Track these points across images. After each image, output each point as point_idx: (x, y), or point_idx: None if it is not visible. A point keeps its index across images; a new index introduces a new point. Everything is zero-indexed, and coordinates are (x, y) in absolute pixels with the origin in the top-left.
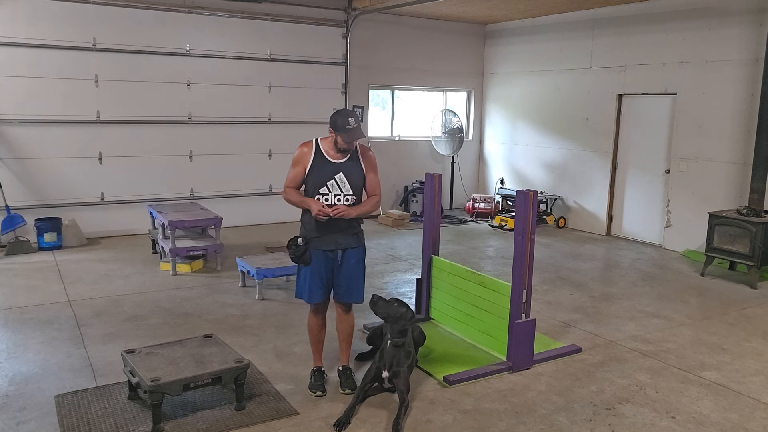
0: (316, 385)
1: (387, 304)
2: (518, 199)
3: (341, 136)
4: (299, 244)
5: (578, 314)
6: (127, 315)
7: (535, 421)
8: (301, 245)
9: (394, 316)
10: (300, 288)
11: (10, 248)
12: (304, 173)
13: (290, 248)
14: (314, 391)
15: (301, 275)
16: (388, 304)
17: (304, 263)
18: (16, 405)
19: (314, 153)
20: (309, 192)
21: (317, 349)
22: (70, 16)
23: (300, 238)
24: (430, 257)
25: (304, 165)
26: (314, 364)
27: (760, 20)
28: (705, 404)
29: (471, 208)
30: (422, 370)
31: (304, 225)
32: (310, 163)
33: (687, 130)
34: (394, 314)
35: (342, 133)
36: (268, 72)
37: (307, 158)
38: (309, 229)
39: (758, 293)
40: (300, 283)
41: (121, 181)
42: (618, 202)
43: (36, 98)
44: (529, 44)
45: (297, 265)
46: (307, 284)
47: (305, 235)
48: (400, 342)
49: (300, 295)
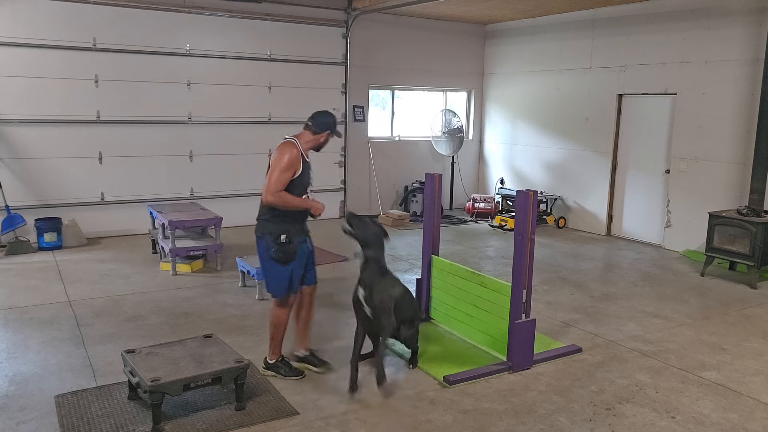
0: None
1: (362, 222)
2: (518, 199)
3: (336, 133)
4: (285, 242)
5: (578, 314)
6: (127, 315)
7: (535, 421)
8: (287, 242)
9: (369, 239)
10: (279, 285)
11: (10, 248)
12: (293, 176)
13: (280, 248)
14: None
15: (281, 271)
16: (363, 223)
17: (291, 259)
18: (16, 405)
19: (301, 156)
20: (296, 193)
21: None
22: (70, 16)
23: (283, 236)
24: (430, 257)
25: (296, 169)
26: (277, 355)
27: (760, 20)
28: (705, 404)
29: (471, 208)
30: (422, 370)
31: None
32: (301, 167)
33: (687, 130)
34: (371, 235)
35: (335, 131)
36: (268, 72)
37: (299, 162)
38: (289, 225)
39: (758, 293)
40: (279, 280)
41: (121, 181)
42: (618, 202)
43: (36, 98)
44: (528, 44)
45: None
46: (289, 278)
47: (285, 232)
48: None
49: (280, 292)
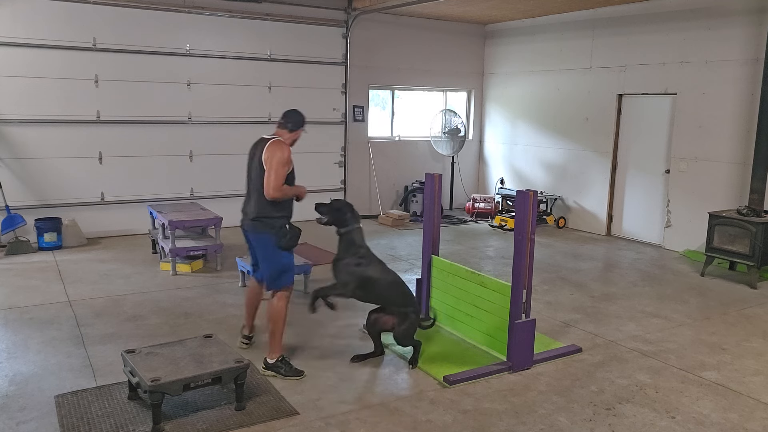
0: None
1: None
2: (518, 199)
3: (305, 131)
4: (288, 230)
5: (578, 314)
6: (127, 315)
7: (535, 421)
8: (290, 231)
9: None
10: (288, 274)
11: (10, 248)
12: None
13: (287, 234)
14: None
15: (289, 259)
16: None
17: (296, 242)
18: (16, 405)
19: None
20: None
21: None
22: (70, 16)
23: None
24: (430, 257)
25: (291, 164)
26: (278, 353)
27: (760, 20)
28: (705, 404)
29: (471, 208)
30: (422, 370)
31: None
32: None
33: (687, 130)
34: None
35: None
36: (268, 72)
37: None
38: (285, 213)
39: (758, 293)
40: (287, 269)
41: (121, 181)
42: (618, 202)
43: (36, 98)
44: (529, 44)
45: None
46: (292, 265)
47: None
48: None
49: (289, 281)
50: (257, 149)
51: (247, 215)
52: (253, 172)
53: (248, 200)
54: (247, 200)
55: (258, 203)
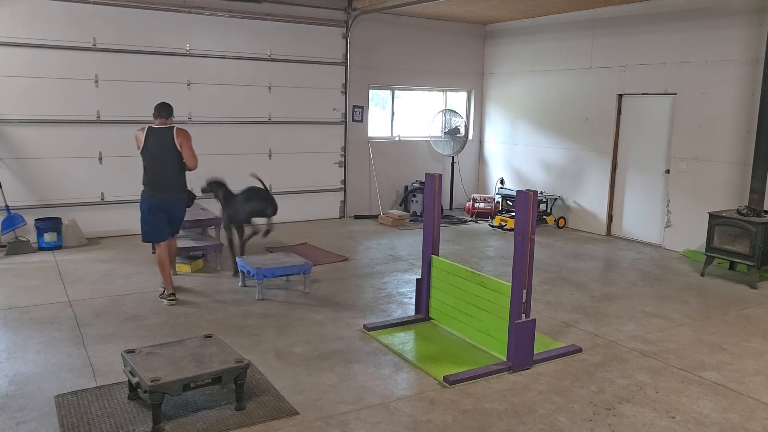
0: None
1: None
2: (518, 199)
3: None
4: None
5: (578, 314)
6: (127, 315)
7: (535, 421)
8: (191, 192)
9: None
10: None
11: (10, 248)
12: None
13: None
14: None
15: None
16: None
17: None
18: (16, 405)
19: None
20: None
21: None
22: (70, 16)
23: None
24: (430, 257)
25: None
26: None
27: (760, 20)
28: (705, 404)
29: (471, 208)
30: (422, 370)
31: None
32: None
33: (687, 130)
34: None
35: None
36: (268, 72)
37: None
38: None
39: (758, 293)
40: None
41: (121, 181)
42: (618, 202)
43: (36, 98)
44: (529, 44)
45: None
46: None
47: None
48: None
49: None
50: (161, 136)
51: (173, 189)
52: (167, 154)
53: (165, 177)
54: (162, 178)
55: (180, 177)
